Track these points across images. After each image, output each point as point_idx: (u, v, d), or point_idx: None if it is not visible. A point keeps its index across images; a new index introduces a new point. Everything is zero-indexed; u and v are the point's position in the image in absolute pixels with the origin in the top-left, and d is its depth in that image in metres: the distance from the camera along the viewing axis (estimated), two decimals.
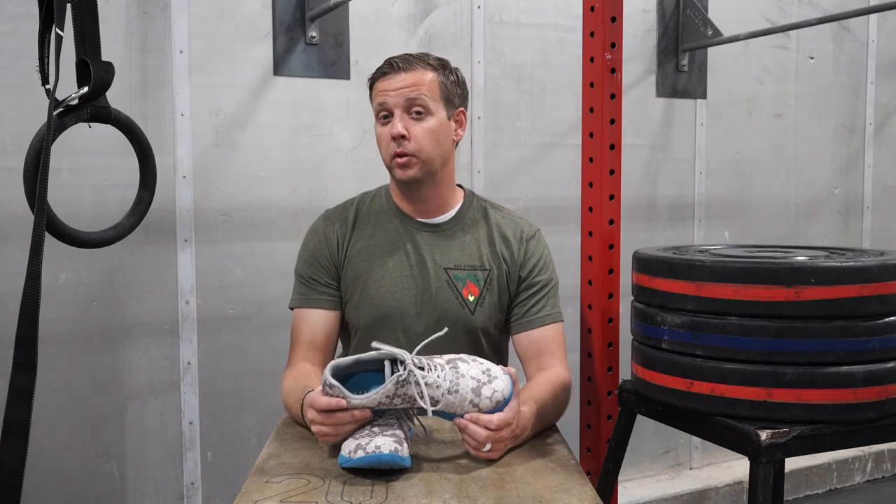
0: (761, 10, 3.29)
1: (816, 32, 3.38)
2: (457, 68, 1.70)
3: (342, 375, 1.32)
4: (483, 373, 1.33)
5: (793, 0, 3.36)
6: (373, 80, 1.66)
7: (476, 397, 1.31)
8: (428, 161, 1.62)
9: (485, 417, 1.32)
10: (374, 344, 1.31)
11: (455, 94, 1.66)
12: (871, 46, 3.57)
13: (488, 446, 1.33)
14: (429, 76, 1.61)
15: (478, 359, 1.37)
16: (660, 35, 3.09)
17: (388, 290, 1.66)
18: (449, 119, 1.65)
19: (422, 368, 1.29)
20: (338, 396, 1.28)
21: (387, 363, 1.30)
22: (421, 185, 1.66)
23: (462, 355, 1.37)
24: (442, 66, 1.65)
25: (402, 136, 1.59)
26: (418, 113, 1.60)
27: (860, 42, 3.55)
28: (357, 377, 1.34)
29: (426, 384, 1.28)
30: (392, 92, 1.60)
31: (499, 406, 1.32)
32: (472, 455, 1.36)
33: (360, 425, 1.32)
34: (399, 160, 1.61)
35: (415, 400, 1.28)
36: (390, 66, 1.62)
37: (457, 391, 1.30)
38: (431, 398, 1.29)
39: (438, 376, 1.29)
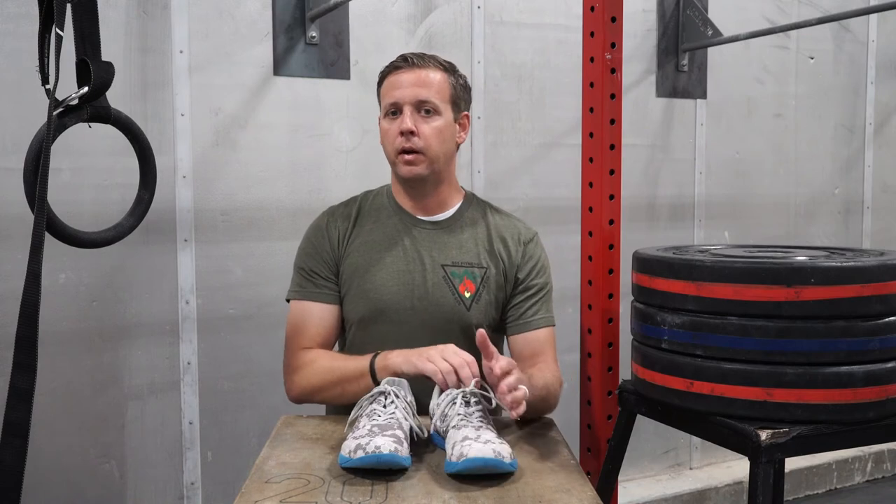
0: (761, 10, 3.29)
1: (816, 32, 3.38)
2: (463, 74, 1.72)
3: None
4: (489, 441, 1.28)
5: (793, 0, 3.36)
6: (384, 75, 1.68)
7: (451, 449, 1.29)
8: (434, 159, 1.64)
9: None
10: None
11: (461, 98, 1.70)
12: (871, 46, 3.57)
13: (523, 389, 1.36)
14: (439, 77, 1.65)
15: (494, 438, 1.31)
16: (660, 35, 3.09)
17: (384, 285, 1.66)
18: (455, 122, 1.68)
19: (467, 403, 1.38)
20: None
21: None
22: (424, 183, 1.68)
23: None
24: (452, 68, 1.69)
25: (412, 133, 1.61)
26: (427, 112, 1.63)
27: (860, 42, 3.55)
28: None
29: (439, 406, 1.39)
30: (405, 89, 1.62)
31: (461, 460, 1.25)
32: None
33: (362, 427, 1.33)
34: (406, 157, 1.63)
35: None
36: (404, 61, 1.65)
37: (446, 431, 1.35)
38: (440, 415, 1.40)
39: (454, 412, 1.36)
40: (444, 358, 1.44)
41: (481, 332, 1.38)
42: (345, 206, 1.77)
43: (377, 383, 1.49)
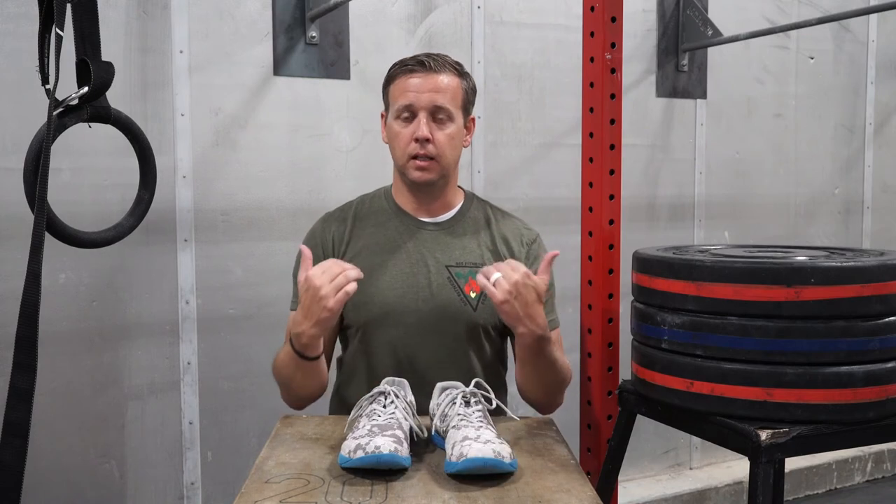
0: (761, 10, 3.29)
1: (816, 32, 3.38)
2: (471, 76, 1.72)
3: None
4: (488, 441, 1.28)
5: (793, 0, 3.36)
6: (396, 74, 1.65)
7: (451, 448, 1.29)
8: (446, 166, 1.65)
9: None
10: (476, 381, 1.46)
11: (471, 101, 1.70)
12: (871, 46, 3.57)
13: (496, 275, 1.41)
14: (455, 82, 1.64)
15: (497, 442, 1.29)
16: (660, 35, 3.09)
17: (390, 287, 1.66)
18: (464, 126, 1.68)
19: (467, 403, 1.38)
20: None
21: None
22: (432, 188, 1.68)
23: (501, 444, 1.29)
24: (463, 72, 1.68)
25: (427, 140, 1.60)
26: (441, 118, 1.62)
27: (860, 42, 3.55)
28: None
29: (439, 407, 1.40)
30: (421, 94, 1.60)
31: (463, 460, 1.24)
32: None
33: (362, 430, 1.33)
34: (419, 163, 1.62)
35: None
36: (420, 65, 1.62)
37: (446, 431, 1.36)
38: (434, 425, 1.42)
39: (454, 412, 1.37)
40: (315, 296, 1.40)
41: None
42: (340, 211, 1.77)
43: (307, 358, 1.48)
